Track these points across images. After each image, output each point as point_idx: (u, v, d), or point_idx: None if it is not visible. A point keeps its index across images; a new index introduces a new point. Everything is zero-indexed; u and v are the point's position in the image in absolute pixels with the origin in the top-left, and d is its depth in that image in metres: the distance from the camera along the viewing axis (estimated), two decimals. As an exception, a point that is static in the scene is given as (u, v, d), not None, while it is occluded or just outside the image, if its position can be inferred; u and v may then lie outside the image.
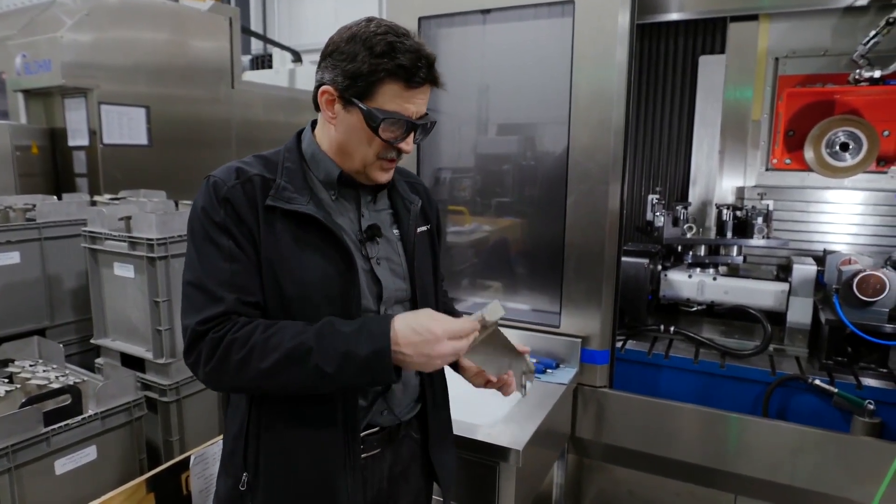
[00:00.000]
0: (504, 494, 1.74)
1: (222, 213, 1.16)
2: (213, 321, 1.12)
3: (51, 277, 2.98)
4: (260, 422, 1.22)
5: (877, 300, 2.18)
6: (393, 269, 1.30)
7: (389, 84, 1.14)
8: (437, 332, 1.09)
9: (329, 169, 1.25)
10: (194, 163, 4.89)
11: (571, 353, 2.28)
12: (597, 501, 2.54)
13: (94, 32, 4.19)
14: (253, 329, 1.11)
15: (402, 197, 1.36)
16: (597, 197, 2.18)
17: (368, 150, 1.20)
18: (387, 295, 1.27)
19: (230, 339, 1.10)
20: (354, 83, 1.14)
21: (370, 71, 1.12)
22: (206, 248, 1.16)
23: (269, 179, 1.20)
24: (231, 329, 1.12)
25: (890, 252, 2.71)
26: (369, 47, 1.12)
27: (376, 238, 1.28)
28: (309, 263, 1.17)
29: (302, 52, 7.57)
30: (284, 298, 1.17)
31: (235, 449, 1.26)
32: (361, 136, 1.18)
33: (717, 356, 2.45)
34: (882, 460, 1.89)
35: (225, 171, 1.21)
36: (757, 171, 3.10)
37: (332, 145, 1.24)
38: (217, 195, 1.17)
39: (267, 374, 1.10)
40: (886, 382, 2.20)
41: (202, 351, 1.12)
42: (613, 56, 2.09)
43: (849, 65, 2.74)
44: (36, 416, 1.98)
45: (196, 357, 1.13)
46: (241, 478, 1.24)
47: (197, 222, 1.19)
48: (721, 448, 2.17)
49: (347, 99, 1.16)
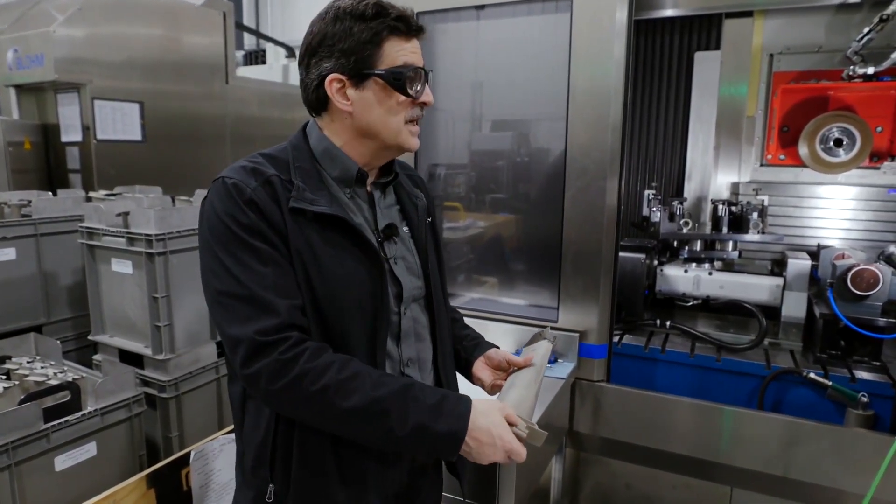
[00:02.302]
0: (504, 488, 1.75)
1: (252, 215, 1.10)
2: (273, 333, 1.06)
3: (47, 274, 2.97)
4: (291, 430, 1.17)
5: (870, 294, 2.20)
6: (409, 268, 1.28)
7: (391, 41, 1.14)
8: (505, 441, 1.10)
9: (347, 166, 1.20)
10: (188, 159, 4.88)
11: (569, 347, 2.30)
12: (594, 495, 2.56)
13: (87, 27, 4.16)
14: (327, 365, 1.07)
15: (407, 192, 1.34)
16: (594, 193, 2.19)
17: (397, 117, 1.18)
18: (406, 294, 1.25)
19: (303, 368, 1.05)
20: (360, 56, 1.12)
21: (372, 36, 1.12)
22: (240, 254, 1.09)
23: (285, 180, 1.15)
24: (302, 356, 1.06)
25: (883, 247, 2.74)
26: (360, 15, 1.12)
27: (393, 237, 1.26)
28: (340, 264, 1.14)
29: (296, 48, 7.50)
30: (316, 299, 1.13)
31: (260, 457, 1.19)
32: (386, 105, 1.16)
33: (712, 350, 2.48)
34: (875, 452, 1.91)
35: (240, 173, 1.14)
36: (752, 166, 3.12)
37: (351, 136, 1.20)
38: (241, 197, 1.10)
39: (335, 418, 1.08)
40: (880, 375, 2.22)
41: (264, 370, 1.06)
42: (611, 52, 2.10)
43: (842, 61, 2.76)
44: (35, 413, 1.98)
45: (257, 373, 1.06)
46: (268, 490, 1.19)
47: (222, 227, 1.11)
48: (717, 441, 2.20)
49: (359, 75, 1.14)
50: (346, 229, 1.15)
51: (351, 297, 1.15)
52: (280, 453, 1.18)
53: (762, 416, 2.17)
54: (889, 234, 2.84)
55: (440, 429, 1.07)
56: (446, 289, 1.45)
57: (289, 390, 1.06)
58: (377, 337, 1.19)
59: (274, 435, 1.17)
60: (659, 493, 2.44)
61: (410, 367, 1.28)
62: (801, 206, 2.99)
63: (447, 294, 1.46)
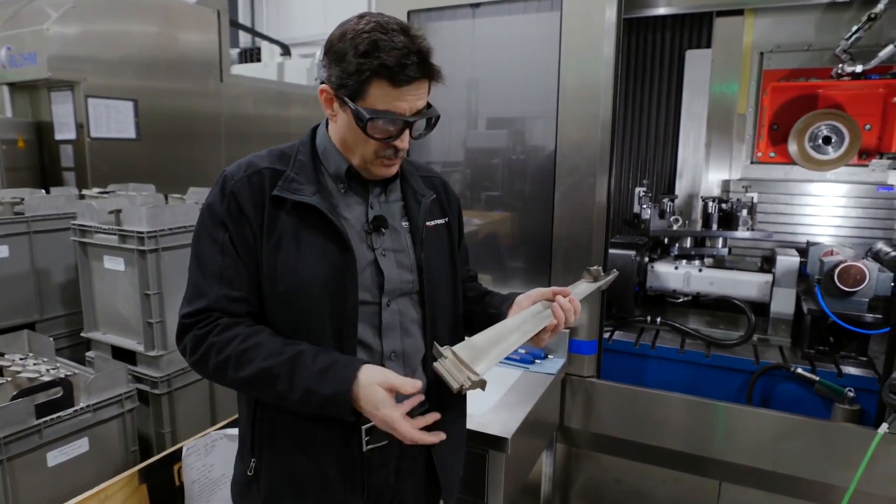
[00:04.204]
0: (493, 482, 1.77)
1: (224, 207, 1.20)
2: (197, 315, 1.19)
3: (40, 271, 2.97)
4: (265, 411, 1.26)
5: (857, 290, 2.23)
6: (399, 261, 1.29)
7: (377, 83, 1.12)
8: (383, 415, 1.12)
9: (338, 163, 1.26)
10: (183, 156, 4.88)
11: (559, 343, 2.31)
12: (585, 489, 2.58)
13: (81, 25, 4.16)
14: (232, 337, 1.16)
15: (414, 190, 1.35)
16: (584, 190, 2.20)
17: (367, 147, 1.20)
18: (390, 287, 1.27)
19: (211, 341, 1.17)
20: (345, 83, 1.14)
21: (357, 70, 1.11)
22: (205, 241, 1.22)
23: (279, 171, 1.23)
24: (213, 330, 1.17)
25: (871, 243, 2.77)
26: (354, 46, 1.11)
27: (382, 229, 1.28)
28: (306, 257, 1.19)
29: (290, 46, 7.54)
30: (282, 290, 1.20)
31: (245, 434, 1.31)
32: (357, 133, 1.18)
33: (702, 346, 2.50)
34: (861, 446, 1.93)
35: (237, 165, 1.25)
36: (742, 164, 3.14)
37: (338, 141, 1.26)
38: (224, 189, 1.21)
39: (240, 384, 1.19)
40: (866, 370, 2.25)
41: (187, 344, 1.20)
42: (601, 50, 2.11)
43: (832, 59, 2.79)
44: (27, 409, 1.98)
45: (183, 348, 1.22)
46: (250, 464, 1.28)
47: (203, 215, 1.24)
48: (706, 436, 2.22)
49: (341, 98, 1.16)
50: (321, 218, 1.20)
51: (314, 285, 1.19)
52: (258, 431, 1.27)
53: (751, 411, 2.19)
54: (878, 231, 2.87)
55: (325, 392, 1.12)
56: (459, 289, 1.43)
57: (202, 363, 1.19)
58: (345, 326, 1.21)
59: (254, 413, 1.27)
60: (649, 488, 2.46)
61: (393, 360, 1.28)
62: (791, 204, 3.01)
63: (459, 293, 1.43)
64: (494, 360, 1.22)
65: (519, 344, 1.29)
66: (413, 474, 1.35)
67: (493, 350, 1.23)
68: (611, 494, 2.54)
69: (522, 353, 2.26)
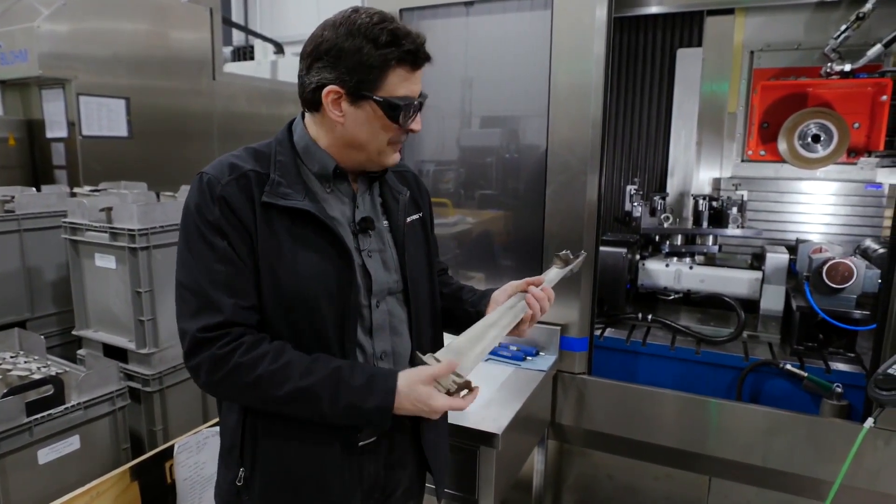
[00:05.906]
0: (484, 478, 1.77)
1: (217, 212, 1.14)
2: (214, 330, 1.12)
3: (31, 269, 2.96)
4: (256, 418, 1.23)
5: (845, 287, 2.25)
6: (384, 262, 1.30)
7: (397, 71, 1.15)
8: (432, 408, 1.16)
9: (324, 162, 1.23)
10: (175, 155, 4.86)
11: (550, 340, 2.32)
12: (576, 486, 2.60)
13: (72, 22, 4.13)
14: (260, 356, 1.13)
15: (391, 187, 1.35)
16: (575, 188, 2.21)
17: (382, 138, 1.21)
18: (377, 288, 1.27)
19: (237, 362, 1.11)
20: (364, 77, 1.13)
21: (381, 62, 1.13)
22: (201, 249, 1.15)
23: (263, 174, 1.19)
24: (238, 350, 1.12)
25: (859, 241, 2.79)
26: (373, 39, 1.12)
27: (369, 230, 1.27)
28: (307, 260, 1.17)
29: (284, 44, 7.51)
30: (283, 296, 1.17)
31: (234, 443, 1.25)
32: (376, 126, 1.18)
33: (692, 343, 2.51)
34: (849, 441, 1.94)
35: (218, 168, 1.19)
36: (733, 162, 3.16)
37: (335, 142, 1.22)
38: (212, 193, 1.15)
39: (275, 403, 1.15)
40: (854, 366, 2.27)
41: (204, 363, 1.13)
42: (591, 49, 2.12)
43: (821, 58, 2.81)
44: (18, 406, 1.98)
45: (197, 366, 1.14)
46: (239, 473, 1.25)
47: (191, 220, 1.17)
48: (697, 432, 2.23)
49: (358, 94, 1.15)
50: (316, 223, 1.18)
51: (317, 290, 1.18)
52: (249, 438, 1.23)
53: (741, 407, 2.21)
54: (867, 229, 2.89)
55: (369, 406, 1.14)
56: (435, 283, 1.45)
57: (225, 382, 1.14)
58: (346, 330, 1.21)
59: (244, 420, 1.23)
60: (640, 484, 2.48)
61: (384, 360, 1.29)
62: (781, 202, 3.03)
63: (436, 287, 1.46)
64: (477, 361, 1.27)
65: (499, 340, 1.33)
66: (403, 465, 1.37)
67: (473, 351, 1.28)
68: (602, 490, 2.56)
69: (514, 349, 2.27)
